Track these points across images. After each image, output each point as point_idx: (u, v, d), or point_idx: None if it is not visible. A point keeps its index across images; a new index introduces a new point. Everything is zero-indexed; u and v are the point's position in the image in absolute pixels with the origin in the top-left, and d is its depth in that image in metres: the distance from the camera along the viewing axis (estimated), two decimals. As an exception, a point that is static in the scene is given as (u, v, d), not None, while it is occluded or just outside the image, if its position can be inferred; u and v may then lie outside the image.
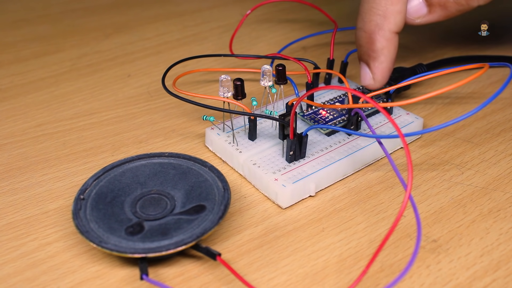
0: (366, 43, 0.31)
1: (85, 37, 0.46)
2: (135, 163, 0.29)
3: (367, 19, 0.31)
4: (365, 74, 0.32)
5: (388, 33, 0.30)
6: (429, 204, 0.28)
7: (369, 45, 0.31)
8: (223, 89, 0.29)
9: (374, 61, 0.31)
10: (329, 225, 0.27)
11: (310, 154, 0.30)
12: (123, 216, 0.26)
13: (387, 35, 0.30)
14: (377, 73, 0.31)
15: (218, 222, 0.25)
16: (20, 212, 0.28)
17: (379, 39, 0.30)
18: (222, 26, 0.48)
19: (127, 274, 0.24)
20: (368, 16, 0.31)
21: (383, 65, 0.31)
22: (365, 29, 0.31)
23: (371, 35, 0.30)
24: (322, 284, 0.24)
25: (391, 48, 0.31)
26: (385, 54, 0.31)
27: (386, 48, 0.31)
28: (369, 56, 0.31)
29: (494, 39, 0.43)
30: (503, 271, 0.24)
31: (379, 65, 0.31)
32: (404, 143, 0.22)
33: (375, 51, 0.31)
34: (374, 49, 0.31)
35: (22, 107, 0.36)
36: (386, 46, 0.30)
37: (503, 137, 0.33)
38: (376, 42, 0.30)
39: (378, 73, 0.31)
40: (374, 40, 0.30)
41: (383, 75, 0.31)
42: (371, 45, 0.31)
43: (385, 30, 0.30)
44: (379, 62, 0.31)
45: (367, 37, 0.31)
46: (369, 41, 0.31)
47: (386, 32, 0.30)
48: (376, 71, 0.31)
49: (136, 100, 0.37)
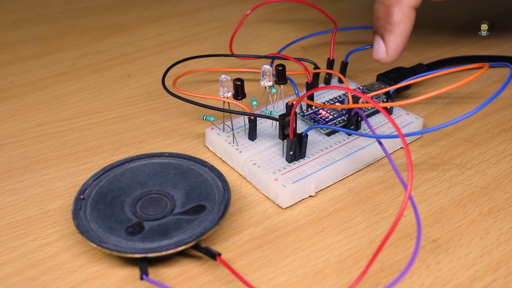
0: (383, 15, 0.31)
1: (85, 37, 0.46)
2: (135, 163, 0.29)
3: None
4: (378, 47, 0.32)
5: (407, 7, 0.31)
6: (429, 204, 0.28)
7: (386, 18, 0.31)
8: (223, 89, 0.29)
9: (390, 34, 0.31)
10: (329, 225, 0.27)
11: (310, 154, 0.30)
12: (123, 216, 0.26)
13: (405, 9, 0.31)
14: (391, 46, 0.31)
15: (218, 222, 0.25)
16: (20, 212, 0.28)
17: (397, 12, 0.31)
18: (222, 26, 0.48)
19: (127, 274, 0.24)
20: None
21: (398, 39, 0.31)
22: (384, 2, 0.31)
23: (389, 8, 0.31)
24: (322, 284, 0.24)
25: (408, 23, 0.31)
26: (401, 28, 0.31)
27: (403, 22, 0.31)
28: (385, 29, 0.31)
29: (494, 39, 0.43)
30: (503, 271, 0.24)
31: (394, 39, 0.31)
32: (404, 143, 0.22)
33: (392, 23, 0.31)
34: (391, 22, 0.31)
35: (22, 107, 0.36)
36: (403, 20, 0.31)
37: (503, 137, 0.33)
38: (393, 15, 0.31)
39: (392, 47, 0.31)
40: (392, 13, 0.31)
41: (397, 49, 0.32)
42: (388, 17, 0.31)
43: (403, 4, 0.31)
44: (394, 35, 0.31)
45: (385, 9, 0.31)
46: (387, 13, 0.31)
47: (405, 6, 0.31)
48: (391, 44, 0.31)
49: (136, 100, 0.37)
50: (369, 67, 0.40)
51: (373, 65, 0.41)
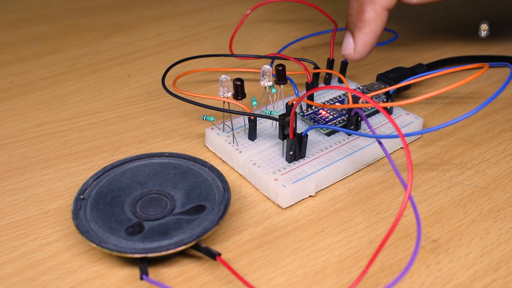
0: (356, 12, 0.31)
1: (85, 37, 0.46)
2: (135, 163, 0.29)
3: None
4: (347, 44, 0.32)
5: (379, 7, 0.31)
6: (429, 204, 0.28)
7: (358, 15, 0.31)
8: (223, 89, 0.29)
9: (359, 31, 0.32)
10: (329, 225, 0.27)
11: (310, 154, 0.30)
12: (123, 216, 0.26)
13: (377, 8, 0.31)
14: (360, 44, 0.32)
15: (218, 222, 0.25)
16: (20, 212, 0.28)
17: (369, 11, 0.31)
18: (222, 26, 0.48)
19: (127, 274, 0.24)
20: None
21: (367, 37, 0.32)
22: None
23: (362, 6, 0.31)
24: (322, 284, 0.24)
25: (378, 23, 0.31)
26: (371, 27, 0.31)
27: (374, 21, 0.31)
28: (355, 26, 0.32)
29: (494, 39, 0.43)
30: (503, 271, 0.24)
31: (363, 36, 0.31)
32: (404, 143, 0.22)
33: (363, 21, 0.31)
34: (362, 19, 0.31)
35: (22, 107, 0.36)
36: (374, 19, 0.31)
37: (503, 137, 0.33)
38: (365, 13, 0.31)
39: (360, 44, 0.32)
40: (364, 10, 0.31)
41: (365, 48, 0.32)
42: (360, 15, 0.31)
43: (376, 4, 0.31)
44: (363, 33, 0.31)
45: (358, 6, 0.31)
46: (359, 11, 0.31)
47: (377, 6, 0.31)
48: (359, 42, 0.32)
49: (136, 100, 0.37)
50: (369, 67, 0.40)
51: (373, 65, 0.41)
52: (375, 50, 0.42)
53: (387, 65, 0.41)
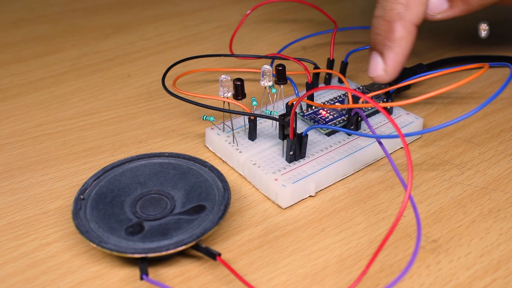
0: (384, 31, 0.30)
1: (85, 37, 0.46)
2: (135, 163, 0.29)
3: (388, 7, 0.29)
4: (376, 64, 0.30)
5: (409, 24, 0.29)
6: (429, 204, 0.28)
7: (387, 34, 0.29)
8: (223, 89, 0.29)
9: (389, 51, 0.30)
10: (329, 225, 0.27)
11: (310, 154, 0.30)
12: (123, 216, 0.26)
13: (407, 25, 0.29)
14: (390, 64, 0.30)
15: (218, 222, 0.25)
16: (20, 212, 0.28)
17: (399, 29, 0.29)
18: (222, 26, 0.48)
19: (127, 274, 0.24)
20: (390, 4, 0.29)
21: (398, 57, 0.30)
22: (385, 17, 0.29)
23: (391, 24, 0.29)
24: (322, 284, 0.24)
25: (409, 40, 0.30)
26: (403, 46, 0.29)
27: (405, 39, 0.29)
28: (384, 45, 0.30)
29: (494, 39, 0.43)
30: (503, 271, 0.24)
31: (394, 56, 0.30)
32: (404, 143, 0.22)
33: (393, 40, 0.29)
34: (392, 39, 0.29)
35: (22, 107, 0.36)
36: (405, 36, 0.29)
37: (503, 137, 0.33)
38: (395, 32, 0.29)
39: (391, 65, 0.30)
40: (394, 29, 0.29)
41: (396, 68, 0.30)
42: (390, 34, 0.29)
43: (406, 20, 0.29)
44: (394, 52, 0.29)
45: (386, 25, 0.29)
46: (389, 29, 0.29)
47: (407, 22, 0.29)
48: (390, 62, 0.30)
49: (136, 100, 0.37)
50: (369, 67, 0.40)
51: (373, 65, 0.41)
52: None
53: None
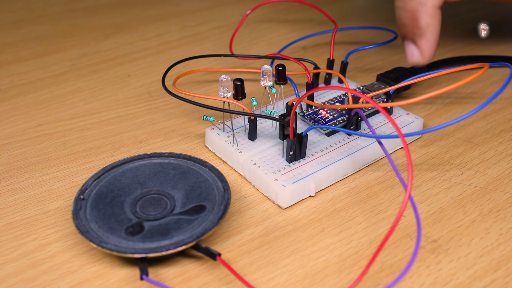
0: (410, 21, 0.31)
1: (85, 37, 0.46)
2: (135, 163, 0.29)
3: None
4: (412, 52, 0.32)
5: (432, 9, 0.30)
6: (429, 204, 0.28)
7: (413, 23, 0.30)
8: (223, 89, 0.29)
9: (421, 38, 0.31)
10: (329, 225, 0.27)
11: (310, 154, 0.30)
12: (123, 216, 0.26)
13: (430, 11, 0.30)
14: (425, 50, 0.31)
15: (218, 222, 0.25)
16: (20, 212, 0.28)
17: (423, 17, 0.30)
18: (222, 26, 0.48)
19: (127, 274, 0.24)
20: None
21: (431, 41, 0.31)
22: (407, 8, 0.30)
23: (414, 13, 0.30)
24: (322, 284, 0.24)
25: (436, 24, 0.30)
26: (431, 30, 0.30)
27: (432, 24, 0.30)
28: (414, 34, 0.31)
29: (494, 39, 0.43)
30: (503, 271, 0.24)
31: (426, 42, 0.31)
32: (404, 143, 0.22)
33: (421, 28, 0.30)
34: (419, 27, 0.30)
35: (22, 107, 0.36)
36: (431, 22, 0.30)
37: (503, 137, 0.33)
38: (420, 20, 0.30)
39: (426, 50, 0.31)
40: (418, 18, 0.30)
41: (431, 51, 0.31)
42: (416, 22, 0.30)
43: (428, 7, 0.30)
44: (426, 38, 0.31)
45: (410, 16, 0.30)
46: (413, 19, 0.30)
47: (430, 8, 0.30)
48: (424, 48, 0.31)
49: (136, 100, 0.37)
50: (369, 67, 0.40)
51: (373, 65, 0.41)
52: (375, 50, 0.42)
53: (387, 65, 0.41)
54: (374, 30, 0.44)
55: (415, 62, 0.32)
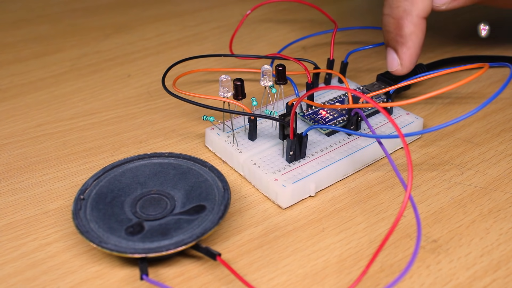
0: (394, 29, 0.31)
1: (85, 37, 0.46)
2: (135, 163, 0.29)
3: (395, 5, 0.31)
4: (392, 60, 0.32)
5: (416, 19, 0.31)
6: (429, 204, 0.28)
7: (397, 31, 0.31)
8: (223, 89, 0.29)
9: (402, 47, 0.31)
10: (329, 225, 0.27)
11: (310, 154, 0.30)
12: (123, 216, 0.26)
13: (415, 20, 0.31)
14: (405, 58, 0.31)
15: (218, 222, 0.25)
16: (20, 212, 0.28)
17: (407, 25, 0.31)
18: (222, 26, 0.48)
19: (127, 274, 0.24)
20: (396, 2, 0.31)
21: (411, 50, 0.31)
22: (393, 15, 0.31)
23: (399, 21, 0.31)
24: (322, 284, 0.24)
25: (419, 33, 0.31)
26: (413, 40, 0.31)
27: (414, 33, 0.31)
28: (397, 42, 0.31)
29: (494, 39, 0.43)
30: (503, 271, 0.24)
31: (407, 51, 0.31)
32: (404, 143, 0.22)
33: (403, 36, 0.31)
34: (402, 35, 0.31)
35: (22, 107, 0.36)
36: (414, 31, 0.31)
37: (503, 137, 0.33)
38: (404, 28, 0.31)
39: (406, 59, 0.31)
40: (402, 25, 0.31)
41: (411, 61, 0.32)
42: (399, 30, 0.31)
43: (413, 16, 0.31)
44: (407, 47, 0.31)
45: (395, 23, 0.31)
46: (397, 26, 0.31)
47: (414, 17, 0.31)
48: (404, 56, 0.31)
49: (136, 100, 0.37)
50: (369, 67, 0.40)
51: (373, 65, 0.41)
52: (375, 50, 0.42)
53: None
54: (374, 30, 0.44)
55: (395, 70, 0.32)
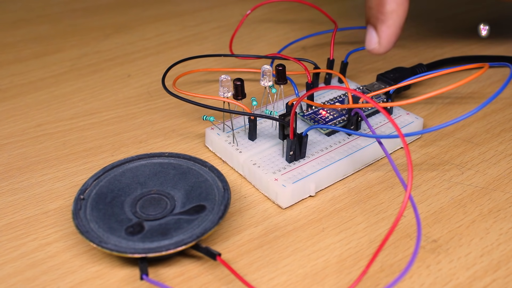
0: (376, 5, 0.31)
1: (85, 37, 0.46)
2: (135, 163, 0.29)
3: None
4: (371, 37, 0.31)
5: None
6: (429, 204, 0.28)
7: (378, 7, 0.31)
8: (223, 89, 0.29)
9: (382, 24, 0.31)
10: (329, 225, 0.27)
11: (310, 154, 0.30)
12: (123, 216, 0.26)
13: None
14: (384, 37, 0.31)
15: (218, 222, 0.25)
16: (20, 212, 0.28)
17: (390, 2, 0.30)
18: (222, 26, 0.48)
19: (127, 274, 0.24)
20: None
21: (391, 29, 0.31)
22: None
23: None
24: (322, 284, 0.24)
25: (400, 13, 0.30)
26: (394, 18, 0.30)
27: (396, 12, 0.30)
28: (377, 19, 0.31)
29: (494, 39, 0.43)
30: (503, 271, 0.24)
31: (387, 29, 0.31)
32: (404, 143, 0.22)
33: (384, 13, 0.30)
34: (383, 12, 0.30)
35: (22, 107, 0.36)
36: (395, 9, 0.30)
37: (503, 137, 0.33)
38: (386, 5, 0.30)
39: (384, 37, 0.31)
40: (384, 2, 0.30)
41: (390, 40, 0.31)
42: (381, 7, 0.30)
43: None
44: (387, 25, 0.31)
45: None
46: (380, 3, 0.30)
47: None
48: (383, 35, 0.31)
49: (136, 100, 0.37)
50: (369, 67, 0.40)
51: (373, 65, 0.41)
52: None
53: (387, 65, 0.41)
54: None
55: (372, 49, 0.32)
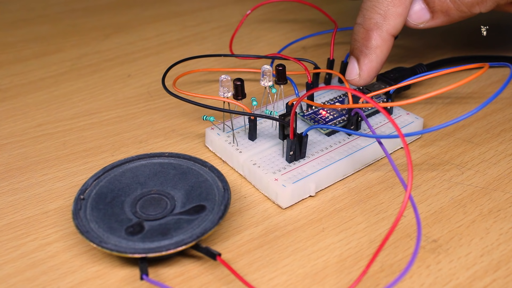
0: (362, 38, 0.32)
1: (85, 37, 0.46)
2: (135, 163, 0.29)
3: (368, 16, 0.31)
4: (352, 68, 0.32)
5: (386, 34, 0.31)
6: (429, 204, 0.28)
7: (364, 41, 0.31)
8: (223, 89, 0.29)
9: (365, 58, 0.32)
10: (329, 225, 0.27)
11: (310, 154, 0.30)
12: (123, 216, 0.26)
13: (384, 35, 0.31)
14: (365, 70, 0.32)
15: (218, 222, 0.25)
16: (20, 212, 0.28)
17: (375, 37, 0.31)
18: (222, 26, 0.48)
19: (127, 274, 0.24)
20: (369, 13, 0.31)
21: (373, 64, 0.32)
22: (364, 25, 0.31)
23: (368, 32, 0.31)
24: (322, 284, 0.24)
25: (384, 49, 0.31)
26: (377, 54, 0.31)
27: (380, 48, 0.31)
28: (361, 52, 0.32)
29: (494, 39, 0.43)
30: (503, 271, 0.24)
31: (369, 63, 0.32)
32: (404, 143, 0.22)
33: (369, 48, 0.31)
34: (368, 46, 0.31)
35: (22, 107, 0.36)
36: (380, 45, 0.31)
37: (503, 137, 0.33)
38: (371, 40, 0.31)
39: (365, 70, 0.32)
40: (370, 37, 0.31)
41: (370, 74, 0.32)
42: (366, 41, 0.31)
43: (382, 30, 0.31)
44: (369, 59, 0.31)
45: (364, 33, 0.31)
46: (365, 37, 0.31)
47: (384, 32, 0.31)
48: (364, 68, 0.32)
49: (136, 100, 0.37)
50: (369, 67, 0.40)
51: (373, 65, 0.41)
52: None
53: (387, 65, 0.40)
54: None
55: (351, 80, 0.32)
